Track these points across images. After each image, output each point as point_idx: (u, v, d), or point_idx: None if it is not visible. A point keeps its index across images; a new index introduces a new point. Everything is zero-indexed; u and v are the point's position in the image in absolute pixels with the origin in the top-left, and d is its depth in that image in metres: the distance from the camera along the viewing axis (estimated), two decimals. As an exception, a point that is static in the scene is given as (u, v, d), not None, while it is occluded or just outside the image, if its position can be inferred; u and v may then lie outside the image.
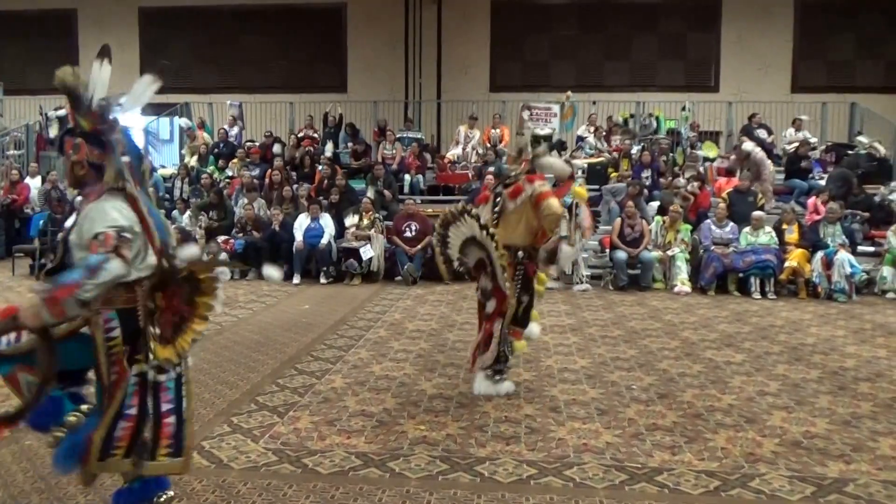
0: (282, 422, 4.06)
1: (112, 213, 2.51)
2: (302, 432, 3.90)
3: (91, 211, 2.54)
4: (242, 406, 4.33)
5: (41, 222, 10.37)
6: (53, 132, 12.90)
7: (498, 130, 12.77)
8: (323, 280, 9.49)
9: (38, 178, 12.17)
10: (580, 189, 5.09)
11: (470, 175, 11.94)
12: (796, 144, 12.08)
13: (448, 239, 4.48)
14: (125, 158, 2.63)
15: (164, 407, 2.63)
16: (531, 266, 4.60)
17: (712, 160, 12.16)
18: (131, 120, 2.72)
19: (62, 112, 12.76)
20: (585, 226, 4.93)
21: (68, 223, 2.66)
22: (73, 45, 16.28)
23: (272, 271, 3.01)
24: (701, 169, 11.57)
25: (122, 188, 2.59)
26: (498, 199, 4.65)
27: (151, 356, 2.56)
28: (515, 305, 4.53)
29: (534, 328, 4.80)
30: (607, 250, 9.52)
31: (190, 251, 2.73)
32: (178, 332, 2.58)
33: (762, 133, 12.76)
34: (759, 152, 11.10)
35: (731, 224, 9.38)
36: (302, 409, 4.28)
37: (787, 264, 8.81)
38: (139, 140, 2.74)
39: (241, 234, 10.01)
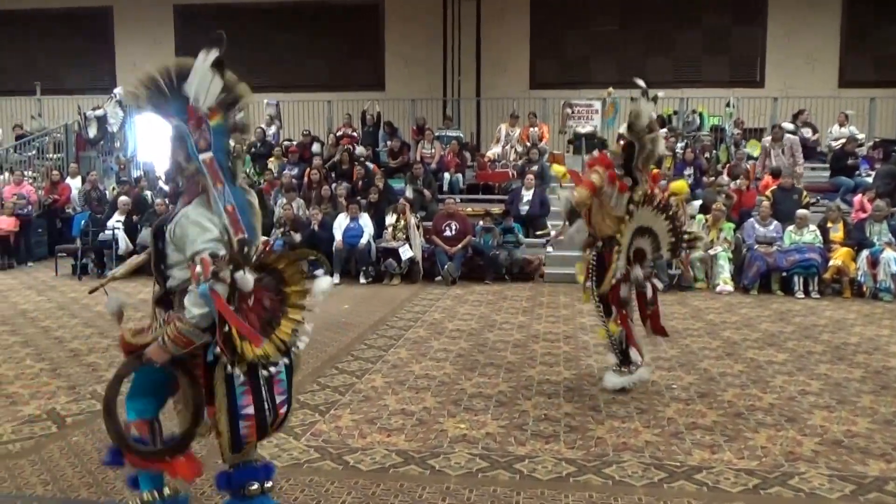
0: (323, 420, 4.16)
1: (207, 226, 2.45)
2: (343, 430, 3.99)
3: (189, 216, 2.47)
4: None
5: (83, 222, 10.59)
6: (93, 132, 13.14)
7: (537, 129, 12.72)
8: (362, 280, 9.60)
9: (79, 179, 12.44)
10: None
11: (510, 173, 11.94)
12: (842, 141, 11.77)
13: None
14: (205, 155, 2.51)
15: (279, 399, 2.57)
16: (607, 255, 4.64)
17: (756, 158, 11.92)
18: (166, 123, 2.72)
19: (100, 112, 13.11)
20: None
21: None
22: (109, 43, 16.57)
23: (323, 283, 2.69)
24: (745, 166, 11.38)
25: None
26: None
27: (238, 355, 2.39)
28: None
29: None
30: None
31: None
32: (273, 326, 2.47)
33: (807, 132, 12.47)
34: (794, 138, 10.96)
35: (775, 222, 9.20)
36: (343, 408, 4.37)
37: (831, 263, 8.63)
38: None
39: (280, 235, 10.16)
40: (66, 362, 5.47)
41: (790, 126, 11.26)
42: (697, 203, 10.29)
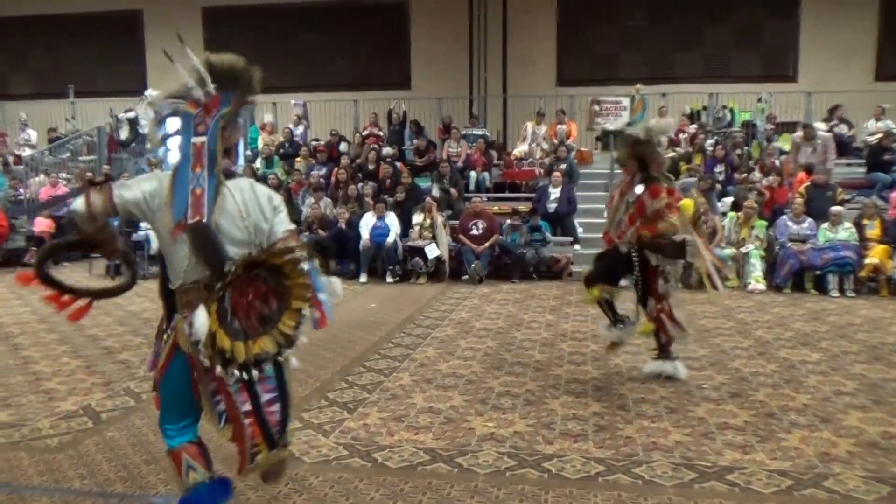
0: (351, 417, 4.19)
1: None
2: (371, 428, 4.01)
3: (268, 192, 2.61)
4: (313, 402, 4.48)
5: (116, 223, 10.82)
6: (125, 134, 13.36)
7: (564, 126, 12.64)
8: (389, 279, 9.63)
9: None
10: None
11: (537, 171, 11.88)
12: (879, 136, 11.48)
13: None
14: (198, 139, 2.62)
15: (265, 396, 2.53)
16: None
17: (788, 153, 11.70)
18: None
19: (132, 114, 13.32)
20: None
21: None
22: (140, 45, 16.83)
23: (337, 287, 2.69)
24: (777, 162, 11.18)
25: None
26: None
27: (228, 356, 2.40)
28: None
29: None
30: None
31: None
32: (273, 321, 2.48)
33: (843, 128, 12.19)
34: (828, 136, 10.74)
35: (809, 220, 9.02)
36: (371, 406, 4.40)
37: (867, 261, 8.43)
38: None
39: (307, 233, 10.23)
40: (101, 359, 5.60)
41: (822, 126, 11.02)
42: (729, 200, 10.16)
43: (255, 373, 2.47)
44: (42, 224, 11.25)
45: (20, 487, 3.29)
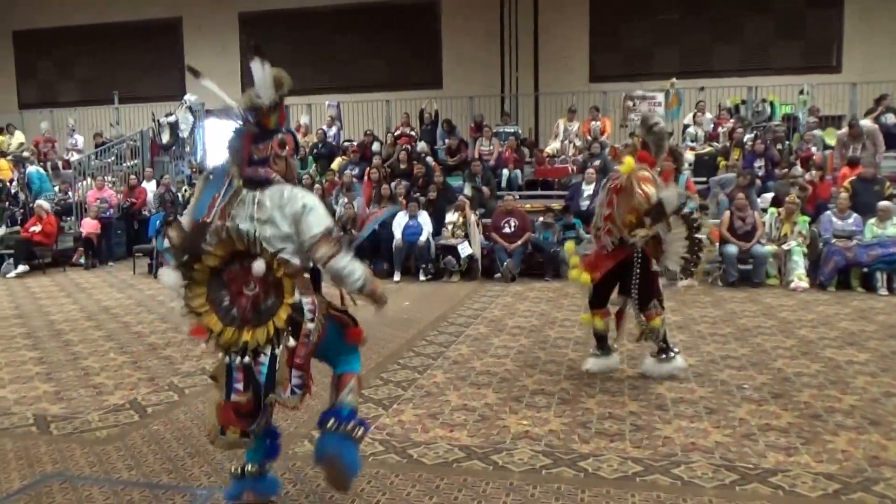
0: (386, 414, 4.21)
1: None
2: (406, 424, 4.03)
3: (304, 197, 2.74)
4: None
5: (158, 223, 11.03)
6: (166, 137, 13.72)
7: (598, 122, 12.51)
8: (422, 277, 9.66)
9: (154, 182, 13.00)
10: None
11: (570, 169, 11.78)
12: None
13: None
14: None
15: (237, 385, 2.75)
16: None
17: (832, 147, 11.39)
18: (233, 124, 2.87)
19: (172, 118, 13.63)
20: None
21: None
22: (179, 52, 17.24)
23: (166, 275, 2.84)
24: (814, 150, 10.90)
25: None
26: None
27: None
28: None
29: None
30: (716, 244, 9.12)
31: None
32: (266, 315, 2.66)
33: (890, 117, 11.81)
34: (874, 127, 10.46)
35: (855, 215, 8.76)
36: (405, 403, 4.41)
37: (918, 257, 8.15)
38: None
39: (341, 233, 10.33)
40: (146, 355, 5.74)
41: (868, 123, 10.72)
42: (769, 195, 9.93)
43: (247, 359, 2.67)
44: (89, 226, 11.60)
45: (72, 477, 3.41)
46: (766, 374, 4.92)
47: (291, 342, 2.70)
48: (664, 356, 4.84)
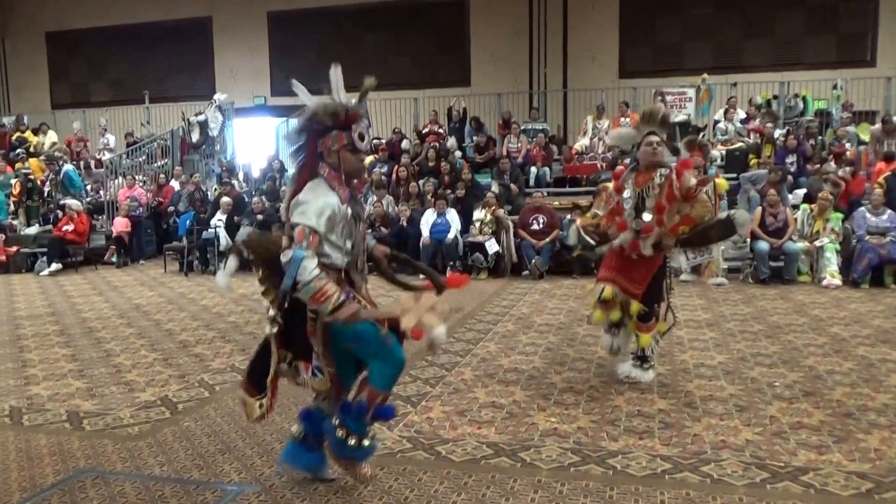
0: (415, 411, 4.24)
1: None
2: (434, 421, 4.05)
3: (306, 193, 2.91)
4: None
5: (188, 222, 11.20)
6: (196, 136, 13.86)
7: (628, 119, 12.40)
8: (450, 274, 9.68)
9: (182, 180, 13.17)
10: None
11: (599, 165, 11.71)
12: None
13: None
14: None
15: None
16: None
17: (867, 143, 11.16)
18: (262, 123, 3.02)
19: (202, 117, 13.79)
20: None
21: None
22: (209, 51, 17.43)
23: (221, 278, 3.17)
24: (848, 146, 10.69)
25: None
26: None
27: None
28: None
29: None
30: (747, 241, 9.01)
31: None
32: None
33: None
34: None
35: (889, 211, 8.59)
36: (433, 400, 4.44)
37: (955, 254, 7.97)
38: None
39: (370, 231, 10.39)
40: (176, 353, 5.84)
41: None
42: (801, 192, 9.77)
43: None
44: (120, 224, 11.81)
45: (105, 472, 3.48)
46: (798, 372, 4.85)
47: (268, 328, 2.97)
48: (644, 364, 4.67)
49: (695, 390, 4.50)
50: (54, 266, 11.06)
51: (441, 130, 13.35)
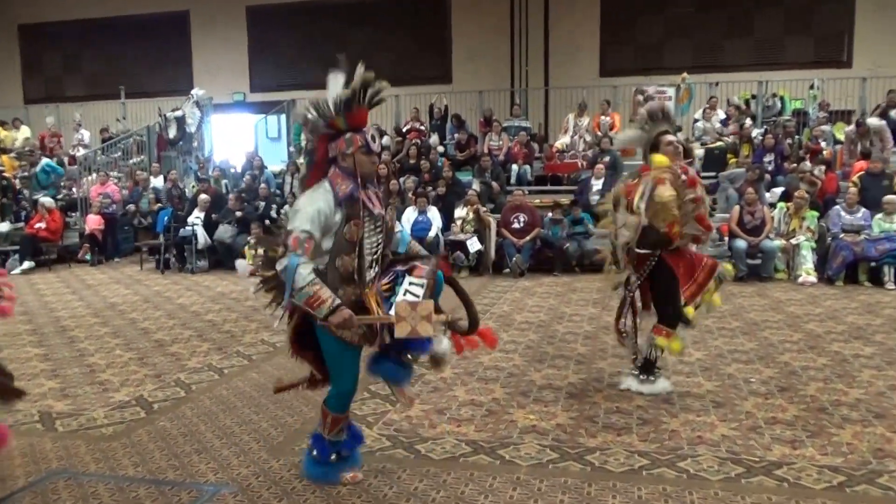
0: (394, 409, 4.22)
1: None
2: (413, 420, 4.04)
3: (302, 198, 2.97)
4: (356, 395, 4.51)
5: (165, 219, 10.96)
6: (172, 133, 13.56)
7: (608, 117, 12.46)
8: (431, 272, 9.65)
9: (161, 178, 12.88)
10: (660, 158, 4.29)
11: (580, 164, 11.75)
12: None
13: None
14: None
15: None
16: (666, 258, 4.32)
17: (842, 142, 11.33)
18: (240, 119, 3.00)
19: (179, 113, 13.58)
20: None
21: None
22: (187, 46, 17.13)
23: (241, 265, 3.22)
24: (823, 144, 10.85)
25: None
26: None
27: None
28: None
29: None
30: (725, 239, 9.11)
31: None
32: None
33: (896, 112, 11.75)
34: (881, 123, 10.44)
35: (864, 210, 8.72)
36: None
37: (927, 252, 8.12)
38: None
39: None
40: (152, 352, 5.76)
41: (875, 121, 10.68)
42: (779, 190, 9.88)
43: None
44: (93, 222, 11.58)
45: (78, 474, 3.43)
46: (773, 368, 4.92)
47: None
48: (650, 375, 4.48)
49: (672, 387, 4.53)
50: (27, 264, 10.85)
51: (422, 128, 13.32)
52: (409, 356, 3.07)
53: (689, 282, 4.36)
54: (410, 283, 2.95)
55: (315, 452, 3.16)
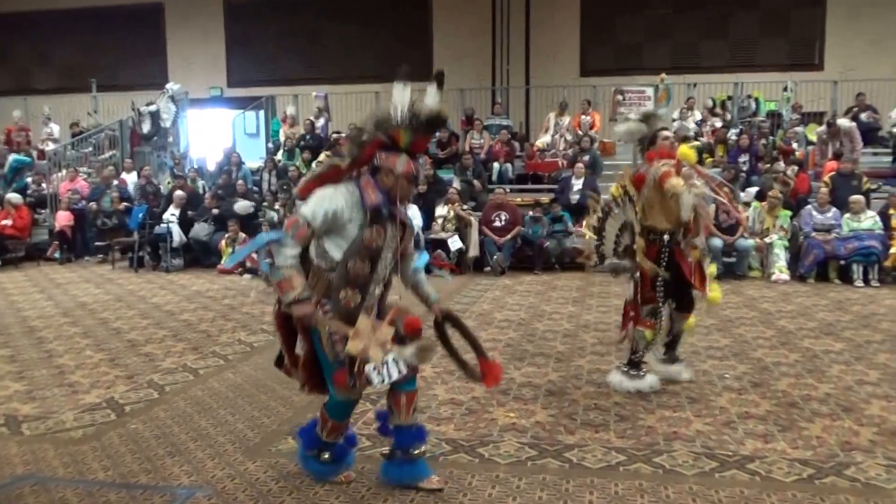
0: (374, 409, 4.18)
1: None
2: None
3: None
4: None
5: (140, 216, 10.71)
6: (146, 127, 13.24)
7: (588, 117, 12.53)
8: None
9: (134, 174, 12.52)
10: (686, 150, 4.43)
11: (560, 163, 11.81)
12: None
13: (604, 234, 4.47)
14: None
15: None
16: (677, 251, 4.36)
17: (814, 143, 11.54)
18: (217, 115, 2.94)
19: (153, 107, 13.33)
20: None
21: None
22: (161, 39, 16.84)
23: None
24: (800, 151, 11.03)
25: None
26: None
27: None
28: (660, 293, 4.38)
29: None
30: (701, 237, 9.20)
31: None
32: None
33: (868, 115, 11.99)
34: (852, 125, 10.68)
35: (834, 209, 8.91)
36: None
37: (892, 250, 8.36)
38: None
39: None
40: (124, 353, 5.63)
41: (846, 122, 10.91)
42: (753, 190, 10.03)
43: None
44: (63, 218, 11.33)
45: (45, 479, 3.32)
46: (747, 364, 5.00)
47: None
48: (633, 371, 4.51)
49: (660, 383, 4.54)
50: (-7, 263, 10.58)
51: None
52: (415, 452, 3.04)
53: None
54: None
55: (301, 443, 3.17)
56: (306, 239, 2.83)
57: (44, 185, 12.50)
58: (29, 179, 12.61)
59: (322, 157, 12.39)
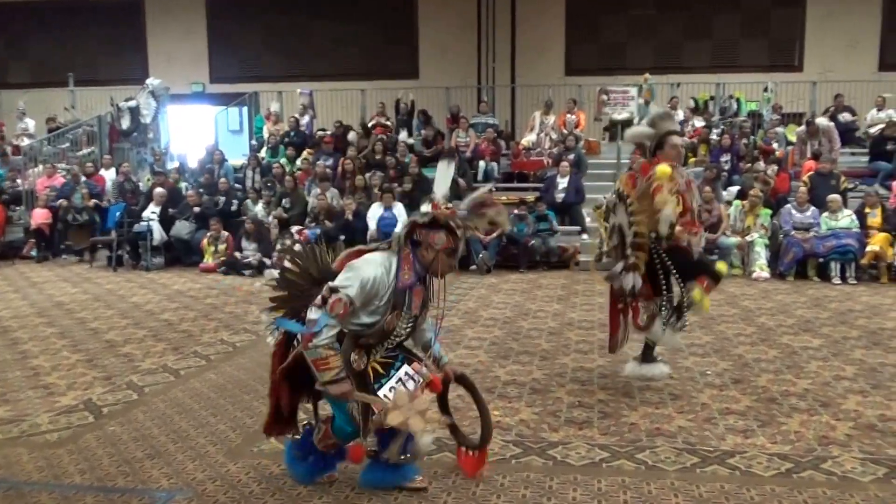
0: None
1: None
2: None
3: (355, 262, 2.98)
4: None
5: (118, 214, 10.53)
6: (126, 123, 12.95)
7: (573, 116, 12.57)
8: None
9: (112, 170, 12.30)
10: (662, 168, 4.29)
11: (545, 161, 11.83)
12: (881, 126, 11.46)
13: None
14: None
15: None
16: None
17: (794, 143, 11.68)
18: (199, 111, 2.90)
19: (133, 103, 13.13)
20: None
21: None
22: (141, 35, 16.58)
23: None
24: (780, 151, 11.16)
25: None
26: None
27: None
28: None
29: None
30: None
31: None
32: None
33: (846, 116, 12.16)
34: (830, 125, 10.82)
35: (812, 208, 9.04)
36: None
37: (868, 248, 8.50)
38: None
39: (313, 224, 10.20)
40: (102, 353, 5.53)
41: (824, 121, 11.08)
42: (735, 189, 10.13)
43: None
44: (40, 216, 11.11)
45: (19, 483, 3.24)
46: (728, 361, 5.06)
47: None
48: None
49: (632, 380, 4.60)
50: (-34, 261, 10.34)
51: (388, 123, 13.22)
52: (402, 457, 3.03)
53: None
54: (406, 374, 2.99)
55: (295, 451, 3.20)
56: (348, 318, 2.84)
57: (19, 181, 12.26)
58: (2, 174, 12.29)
59: (305, 154, 12.37)
